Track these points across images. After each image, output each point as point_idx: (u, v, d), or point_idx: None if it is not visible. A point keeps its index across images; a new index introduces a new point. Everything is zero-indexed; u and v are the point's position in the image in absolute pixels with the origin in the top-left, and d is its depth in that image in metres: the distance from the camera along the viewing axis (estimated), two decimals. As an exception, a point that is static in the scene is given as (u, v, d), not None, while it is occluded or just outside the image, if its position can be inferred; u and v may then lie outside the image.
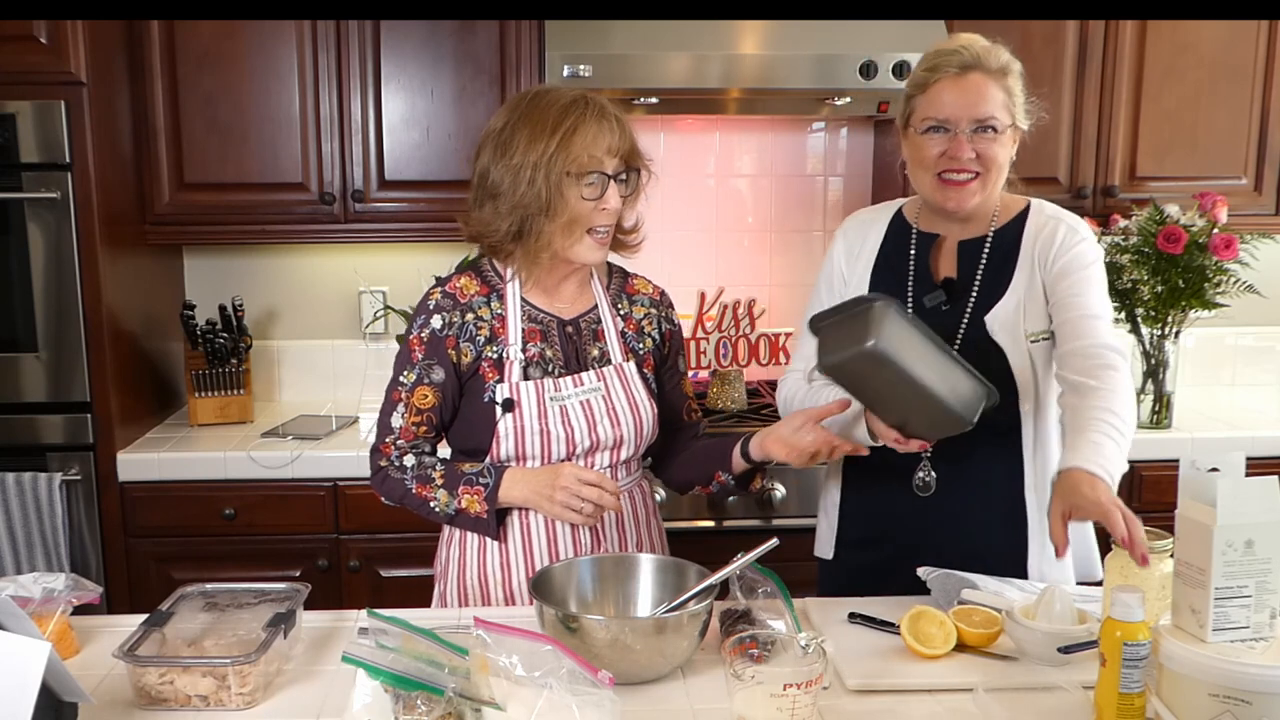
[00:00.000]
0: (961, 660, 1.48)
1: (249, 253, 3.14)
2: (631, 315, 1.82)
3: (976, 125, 1.68)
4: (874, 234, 1.87)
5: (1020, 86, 1.73)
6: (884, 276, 1.83)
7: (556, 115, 1.64)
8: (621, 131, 1.67)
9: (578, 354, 1.76)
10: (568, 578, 1.59)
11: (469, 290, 1.77)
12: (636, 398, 1.76)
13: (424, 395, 1.74)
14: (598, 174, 1.64)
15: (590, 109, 1.65)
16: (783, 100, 2.84)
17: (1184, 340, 2.95)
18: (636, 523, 1.83)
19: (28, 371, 2.57)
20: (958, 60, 1.69)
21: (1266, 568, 1.18)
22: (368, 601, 2.53)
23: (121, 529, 2.63)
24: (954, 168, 1.70)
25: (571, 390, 1.72)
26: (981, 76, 1.69)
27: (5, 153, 2.48)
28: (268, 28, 2.73)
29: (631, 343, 1.81)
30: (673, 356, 1.87)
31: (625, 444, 1.76)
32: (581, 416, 1.72)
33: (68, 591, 1.49)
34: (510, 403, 1.70)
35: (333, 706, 1.37)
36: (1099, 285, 1.72)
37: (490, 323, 1.74)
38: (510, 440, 1.71)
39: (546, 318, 1.76)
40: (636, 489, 1.84)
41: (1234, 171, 2.95)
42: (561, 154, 1.62)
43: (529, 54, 2.78)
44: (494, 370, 1.72)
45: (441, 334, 1.73)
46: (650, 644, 1.41)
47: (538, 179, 1.63)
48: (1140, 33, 2.86)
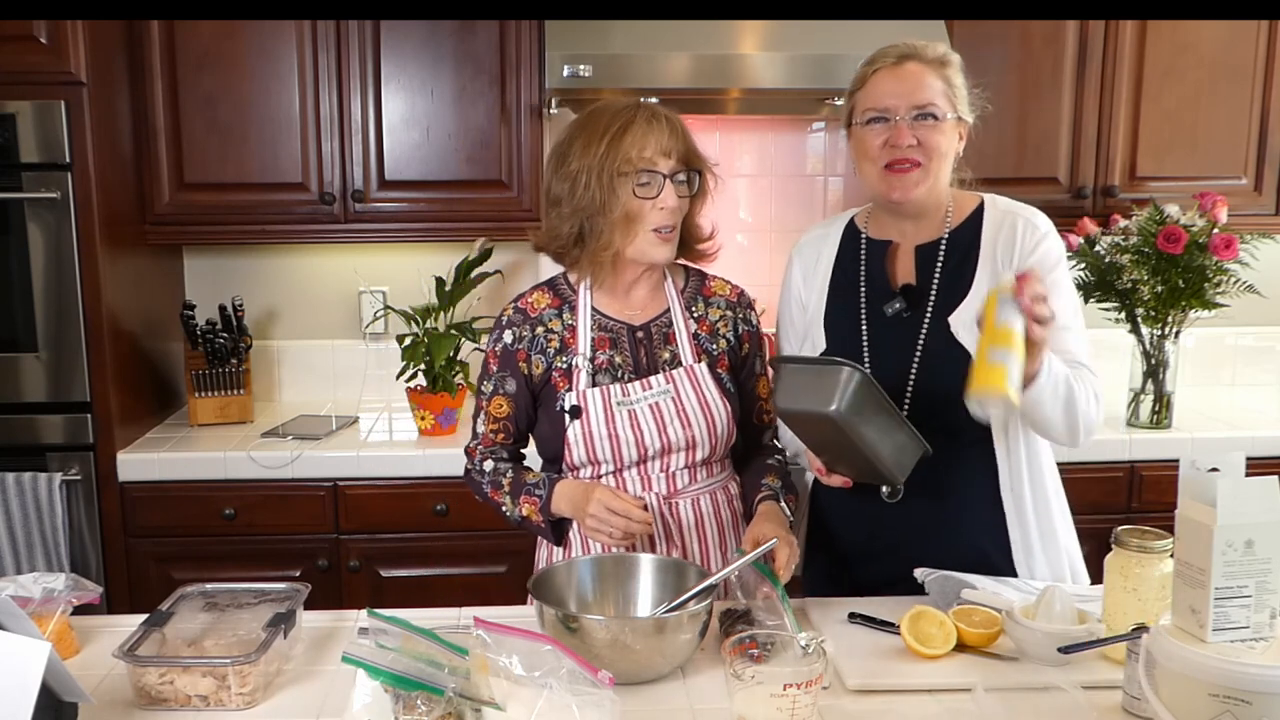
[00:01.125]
0: (961, 660, 1.48)
1: (249, 253, 3.14)
2: (706, 317, 1.83)
3: (916, 112, 1.67)
4: (826, 250, 1.86)
5: (961, 79, 1.72)
6: (840, 291, 1.81)
7: (607, 120, 1.70)
8: (674, 132, 1.70)
9: (649, 358, 1.78)
10: (568, 578, 1.59)
11: (540, 304, 1.81)
12: (708, 398, 1.75)
13: (499, 405, 1.81)
14: (649, 172, 1.68)
15: (640, 112, 1.70)
16: (783, 100, 2.84)
17: (1184, 340, 2.95)
18: (720, 527, 1.81)
19: (28, 371, 2.57)
20: (895, 52, 1.71)
21: (1266, 568, 1.18)
22: (368, 601, 2.53)
23: (121, 529, 2.63)
24: (897, 157, 1.68)
25: (640, 394, 1.74)
26: (918, 65, 1.69)
27: (5, 153, 2.48)
28: (268, 28, 2.73)
29: (705, 344, 1.81)
30: (750, 358, 1.86)
31: (699, 445, 1.75)
32: (650, 420, 1.73)
33: (68, 591, 1.49)
34: (577, 410, 1.73)
35: (333, 706, 1.37)
36: (1066, 291, 1.71)
37: (561, 334, 1.78)
38: (580, 446, 1.73)
39: (617, 325, 1.79)
40: (721, 491, 1.82)
41: (1234, 171, 2.95)
42: (611, 154, 1.67)
43: (529, 54, 2.78)
44: (564, 379, 1.76)
45: (513, 348, 1.79)
46: (650, 644, 1.41)
47: (592, 182, 1.68)
48: (1140, 33, 2.86)
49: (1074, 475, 2.71)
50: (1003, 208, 1.77)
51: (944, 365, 1.66)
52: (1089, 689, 1.35)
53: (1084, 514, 2.70)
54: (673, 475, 1.77)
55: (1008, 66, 2.87)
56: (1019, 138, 2.90)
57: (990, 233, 1.74)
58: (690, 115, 3.07)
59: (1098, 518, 2.69)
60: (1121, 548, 1.47)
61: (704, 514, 1.79)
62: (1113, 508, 2.74)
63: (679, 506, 1.77)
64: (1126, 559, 1.46)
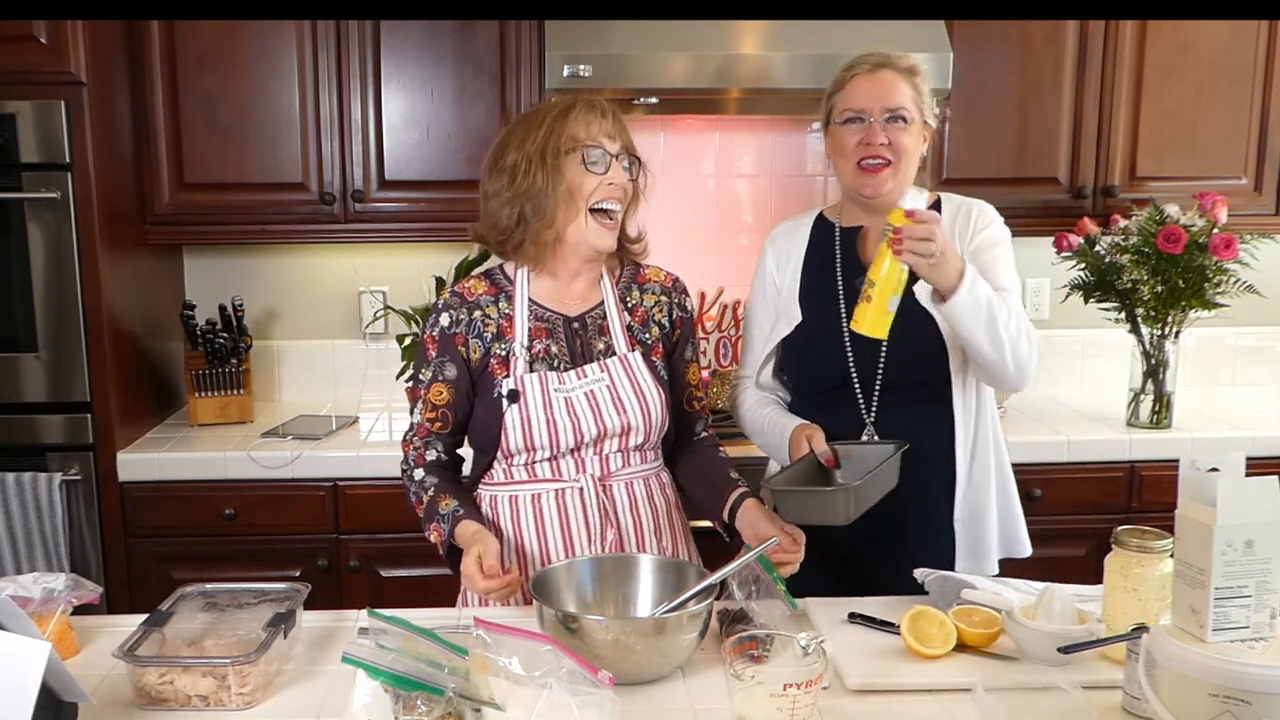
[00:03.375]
0: (961, 660, 1.48)
1: (249, 253, 3.14)
2: (641, 304, 1.85)
3: (888, 115, 1.85)
4: (799, 239, 2.03)
5: (928, 89, 1.91)
6: (814, 274, 1.98)
7: (543, 111, 1.73)
8: (615, 121, 1.73)
9: (583, 349, 1.79)
10: (568, 578, 1.59)
11: (476, 290, 1.81)
12: (642, 386, 1.77)
13: (439, 391, 1.80)
14: (598, 149, 1.70)
15: (580, 98, 1.74)
16: (783, 100, 2.84)
17: (1184, 340, 2.95)
18: (654, 512, 1.82)
19: (28, 371, 2.57)
20: (870, 60, 1.89)
21: (1266, 568, 1.18)
22: (368, 601, 2.53)
23: (121, 529, 2.63)
24: (869, 154, 1.85)
25: (575, 383, 1.75)
26: (892, 73, 1.87)
27: (5, 153, 2.48)
28: (268, 28, 2.73)
29: (638, 334, 1.82)
30: (681, 343, 1.88)
31: (634, 431, 1.77)
32: (586, 407, 1.74)
33: (68, 591, 1.49)
34: (515, 394, 1.73)
35: (333, 706, 1.37)
36: (1006, 262, 1.91)
37: (498, 321, 1.78)
38: (518, 432, 1.73)
39: (553, 315, 1.80)
40: (654, 478, 1.85)
41: (1234, 171, 2.95)
42: (553, 134, 1.69)
43: (529, 54, 2.78)
44: (502, 366, 1.76)
45: (450, 331, 1.78)
46: (650, 644, 1.41)
47: (532, 166, 1.70)
48: (1140, 33, 2.86)
49: (1074, 475, 2.74)
50: (956, 201, 1.97)
51: (912, 330, 1.84)
52: (1089, 689, 1.35)
53: (1084, 514, 2.74)
54: (606, 459, 1.78)
55: (1008, 66, 2.87)
56: (1019, 138, 2.90)
57: (948, 218, 1.94)
58: (690, 115, 3.11)
59: (1098, 518, 2.70)
60: (1121, 548, 1.47)
61: (638, 497, 1.81)
62: (1113, 508, 2.74)
63: (613, 489, 1.79)
64: (1126, 559, 1.46)
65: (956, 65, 2.68)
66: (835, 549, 1.83)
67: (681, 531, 1.88)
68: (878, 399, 1.91)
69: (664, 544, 1.82)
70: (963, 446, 1.91)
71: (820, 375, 1.94)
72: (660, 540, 1.82)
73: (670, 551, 1.82)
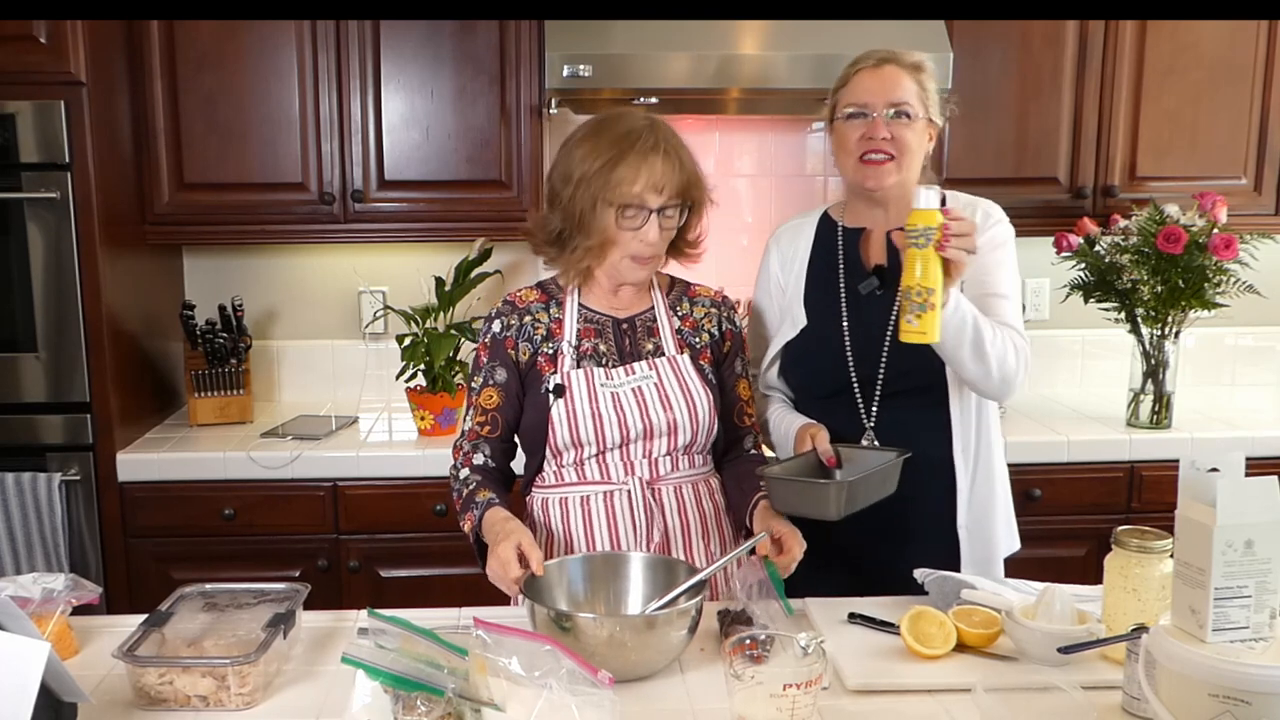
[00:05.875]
0: (961, 660, 1.48)
1: (249, 253, 3.14)
2: (691, 315, 1.86)
3: (892, 110, 1.83)
4: (804, 238, 2.01)
5: (934, 86, 1.88)
6: (819, 274, 1.97)
7: (610, 140, 1.69)
8: (671, 166, 1.69)
9: (632, 348, 1.80)
10: (559, 577, 1.59)
11: (528, 298, 1.84)
12: (690, 386, 1.78)
13: (489, 396, 1.82)
14: (636, 208, 1.69)
15: (641, 144, 1.68)
16: (783, 100, 2.84)
17: (1184, 340, 2.95)
18: (702, 515, 1.82)
19: (28, 371, 2.57)
20: (875, 56, 1.87)
21: (1266, 568, 1.18)
22: (368, 601, 2.52)
23: (121, 529, 2.63)
24: (872, 148, 1.83)
25: (623, 379, 1.76)
26: (896, 68, 1.85)
27: (5, 153, 2.48)
28: (268, 28, 2.73)
29: (688, 337, 1.84)
30: (731, 356, 1.89)
31: (680, 430, 1.77)
32: (633, 402, 1.75)
33: (67, 591, 1.49)
34: (561, 388, 1.75)
35: (333, 706, 1.37)
36: (1009, 267, 1.89)
37: (548, 324, 1.81)
38: (564, 426, 1.74)
39: (602, 318, 1.82)
40: (703, 483, 1.84)
41: (1234, 171, 2.95)
42: (600, 180, 1.68)
43: (529, 54, 2.78)
44: (550, 363, 1.78)
45: (501, 336, 1.82)
46: (641, 641, 1.41)
47: (582, 195, 1.70)
48: (1140, 33, 2.86)
49: (1074, 475, 2.74)
50: (964, 200, 1.94)
51: None
52: (1089, 689, 1.35)
53: (1084, 514, 2.74)
54: (655, 461, 1.78)
55: (1008, 66, 2.86)
56: (1019, 138, 2.90)
57: None
58: (690, 115, 3.10)
59: (1098, 518, 2.70)
60: (1121, 548, 1.47)
61: (686, 501, 1.81)
62: (1113, 508, 2.74)
63: (661, 492, 1.79)
64: (1126, 559, 1.46)
65: (956, 65, 2.68)
66: (840, 556, 1.83)
67: (731, 536, 1.87)
68: (878, 403, 1.90)
69: (711, 549, 1.82)
70: (961, 453, 1.90)
71: (821, 379, 1.94)
72: (708, 544, 1.82)
73: (718, 556, 1.80)
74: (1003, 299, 1.85)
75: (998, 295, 1.84)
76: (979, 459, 1.92)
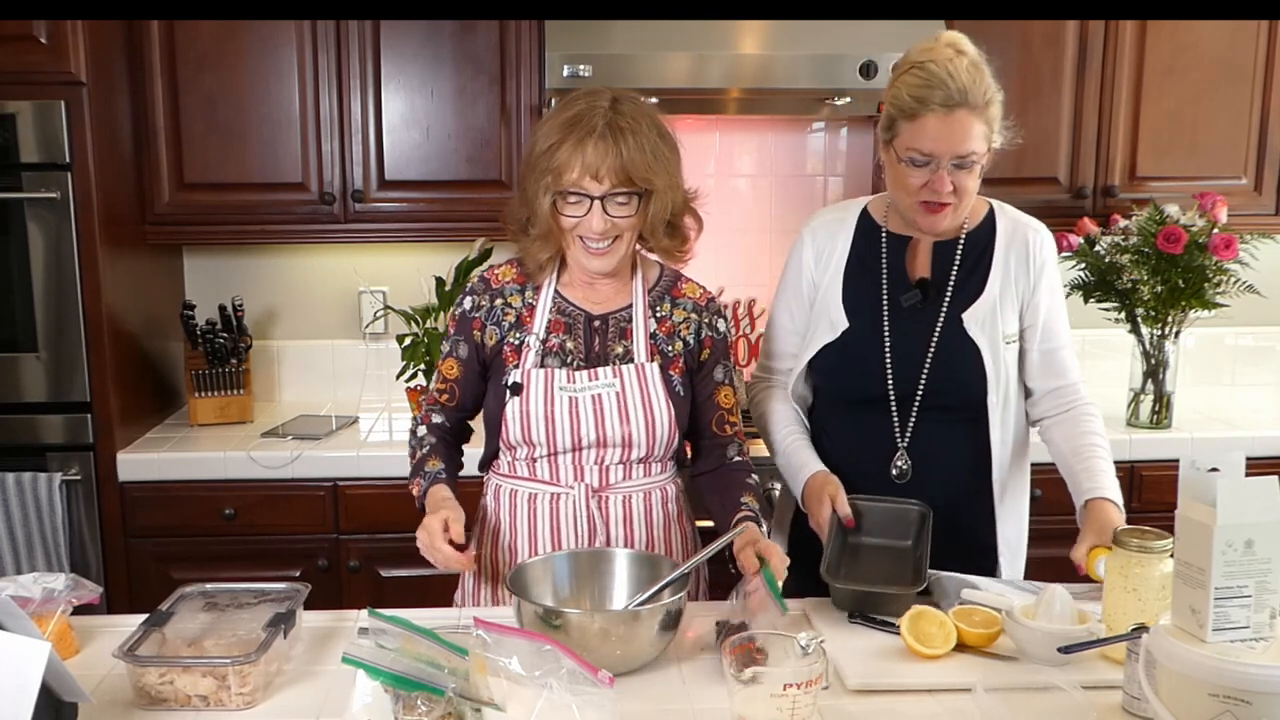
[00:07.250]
0: (961, 660, 1.48)
1: (249, 253, 3.14)
2: (670, 318, 1.80)
3: (957, 161, 1.72)
4: (843, 236, 1.90)
5: (999, 113, 1.79)
6: (857, 279, 1.88)
7: (560, 122, 1.64)
8: (615, 152, 1.60)
9: (601, 349, 1.76)
10: (544, 573, 1.60)
11: (505, 277, 1.81)
12: (653, 399, 1.73)
13: (451, 366, 1.82)
14: (578, 195, 1.65)
15: (583, 126, 1.61)
16: (783, 100, 2.84)
17: (1184, 340, 2.95)
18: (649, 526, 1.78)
19: (28, 371, 2.57)
20: (946, 99, 1.70)
21: (1266, 568, 1.18)
22: (368, 601, 2.51)
23: (121, 529, 2.63)
24: (933, 199, 1.75)
25: (585, 384, 1.72)
26: (967, 114, 1.72)
27: (5, 153, 2.48)
28: (268, 28, 2.73)
29: (661, 344, 1.78)
30: (710, 364, 1.82)
31: (634, 445, 1.73)
32: (590, 411, 1.72)
33: (68, 591, 1.49)
34: (518, 386, 1.73)
35: (333, 706, 1.37)
36: (1061, 301, 1.88)
37: (519, 310, 1.78)
38: (516, 425, 1.73)
39: (575, 311, 1.78)
40: (657, 491, 1.80)
41: (1234, 171, 2.95)
42: (544, 164, 1.65)
43: (529, 54, 2.78)
44: (514, 355, 1.76)
45: (470, 314, 1.80)
46: (626, 635, 1.42)
47: (529, 180, 1.69)
48: (1140, 33, 2.86)
49: (1074, 475, 2.73)
50: (1011, 216, 1.89)
51: (955, 357, 1.80)
52: (1089, 689, 1.35)
53: (1084, 514, 2.73)
54: (606, 469, 1.76)
55: (1008, 66, 2.84)
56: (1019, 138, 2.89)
57: (1004, 240, 1.86)
58: (690, 115, 3.10)
59: (1098, 518, 2.70)
60: (1121, 548, 1.47)
61: (634, 512, 1.77)
62: (1113, 508, 2.73)
63: (607, 501, 1.76)
64: (1126, 559, 1.46)
65: (956, 65, 2.68)
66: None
67: (685, 545, 1.84)
68: (915, 418, 1.83)
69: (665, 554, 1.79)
70: (999, 476, 1.85)
71: (855, 387, 1.86)
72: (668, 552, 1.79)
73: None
74: (1066, 349, 1.85)
75: (1065, 348, 1.85)
76: (1018, 482, 1.89)
